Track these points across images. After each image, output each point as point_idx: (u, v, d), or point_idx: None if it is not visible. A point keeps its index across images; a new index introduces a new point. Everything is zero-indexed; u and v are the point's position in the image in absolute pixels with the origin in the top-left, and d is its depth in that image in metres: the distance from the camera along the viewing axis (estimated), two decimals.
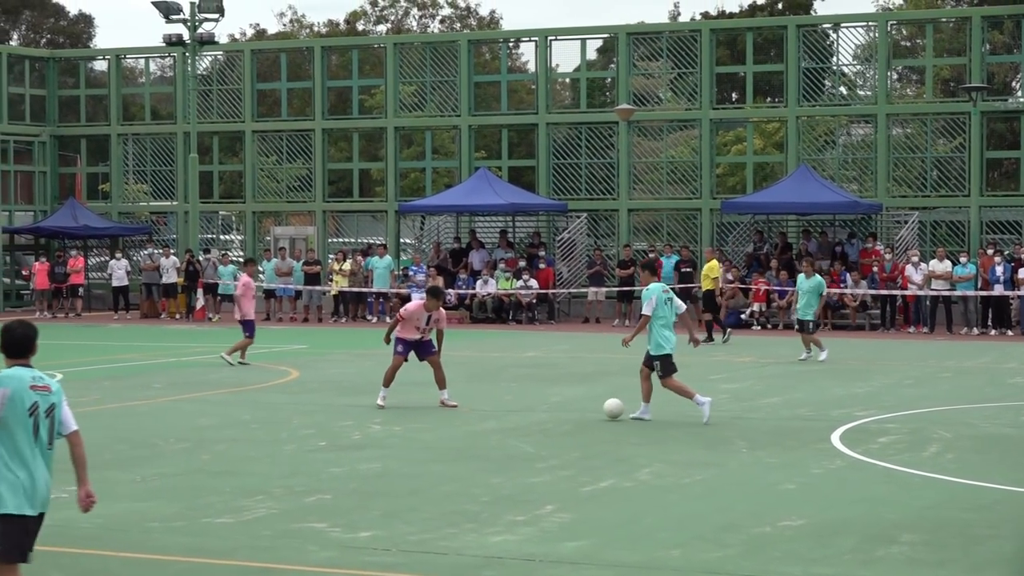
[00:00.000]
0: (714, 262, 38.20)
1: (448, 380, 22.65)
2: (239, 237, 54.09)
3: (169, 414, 21.93)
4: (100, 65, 59.92)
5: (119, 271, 48.48)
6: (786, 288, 41.19)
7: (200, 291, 46.64)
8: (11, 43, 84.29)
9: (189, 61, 49.52)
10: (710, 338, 35.24)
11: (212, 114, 52.43)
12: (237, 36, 79.52)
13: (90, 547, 12.52)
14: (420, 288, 38.62)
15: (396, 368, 22.65)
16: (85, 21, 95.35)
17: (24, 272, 50.60)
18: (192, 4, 48.08)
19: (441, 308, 22.85)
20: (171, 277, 47.00)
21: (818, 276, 31.72)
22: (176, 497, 14.91)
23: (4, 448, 9.39)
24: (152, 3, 48.06)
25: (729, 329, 37.71)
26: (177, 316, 46.81)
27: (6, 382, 9.45)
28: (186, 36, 48.23)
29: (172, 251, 48.55)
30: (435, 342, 22.72)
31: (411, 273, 44.68)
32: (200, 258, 47.18)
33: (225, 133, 53.42)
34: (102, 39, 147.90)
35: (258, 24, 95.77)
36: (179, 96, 52.44)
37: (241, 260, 49.34)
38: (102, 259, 51.82)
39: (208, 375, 27.94)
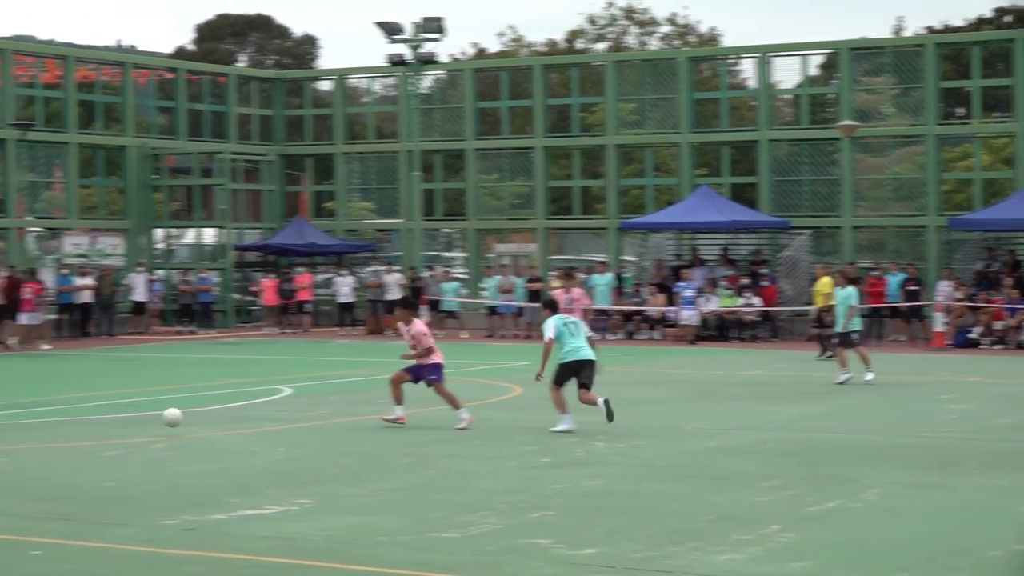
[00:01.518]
0: (826, 279, 36.67)
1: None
2: (462, 254, 54.56)
3: (393, 429, 22.18)
4: (325, 85, 61.04)
5: (344, 288, 49.28)
6: (1017, 306, 40.22)
7: (424, 308, 47.15)
8: (239, 64, 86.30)
9: (411, 81, 50.16)
10: (825, 353, 34.62)
11: (434, 132, 53.02)
12: (458, 55, 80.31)
13: (319, 559, 12.71)
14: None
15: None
16: (310, 42, 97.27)
17: (253, 289, 51.75)
18: (414, 24, 48.75)
19: (415, 321, 22.63)
20: (394, 294, 47.57)
21: (851, 288, 30.22)
22: (402, 511, 15.08)
23: None
24: (375, 24, 48.85)
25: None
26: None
27: None
28: (408, 56, 48.88)
29: (396, 268, 49.17)
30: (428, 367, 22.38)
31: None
32: (423, 275, 47.70)
33: (447, 151, 53.98)
34: (326, 60, 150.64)
35: (478, 43, 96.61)
36: (402, 115, 53.14)
37: (463, 277, 49.75)
38: (328, 276, 52.71)
39: (430, 391, 28.17)
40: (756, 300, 44.04)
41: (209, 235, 52.78)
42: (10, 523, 14.44)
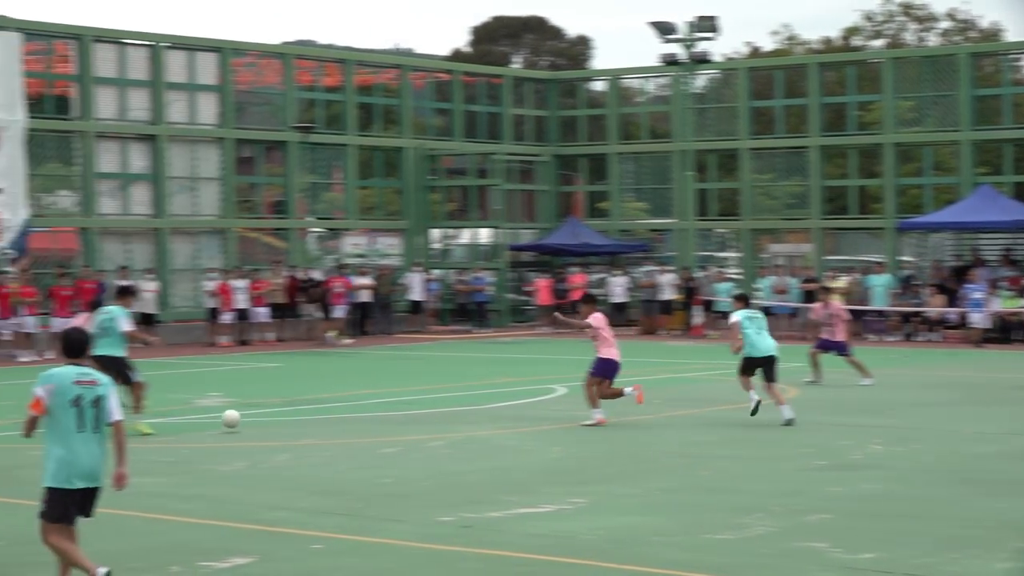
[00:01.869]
0: None
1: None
2: (735, 254, 54.19)
3: (668, 429, 22.15)
4: (599, 86, 61.23)
5: (618, 288, 49.35)
6: None
7: (697, 308, 46.98)
8: (514, 66, 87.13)
9: (685, 80, 49.99)
10: None
11: (708, 132, 52.75)
12: (731, 55, 79.77)
13: (592, 558, 12.74)
14: None
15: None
16: (583, 43, 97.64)
17: (527, 288, 52.17)
18: (688, 24, 48.59)
19: (593, 315, 23.50)
20: (668, 294, 47.48)
21: None
22: (676, 512, 15.04)
23: (52, 432, 11.16)
24: (649, 24, 48.83)
25: None
26: (674, 333, 47.25)
27: (52, 378, 11.26)
28: (682, 55, 48.76)
29: (669, 268, 49.04)
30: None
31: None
32: (697, 275, 47.48)
33: (721, 151, 53.66)
34: (600, 60, 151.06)
35: (752, 42, 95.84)
36: (675, 115, 53.00)
37: (736, 278, 49.37)
38: (601, 276, 52.84)
39: (706, 391, 28.09)
40: None
41: (484, 235, 53.40)
42: (292, 517, 14.81)
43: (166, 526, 14.49)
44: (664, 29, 48.61)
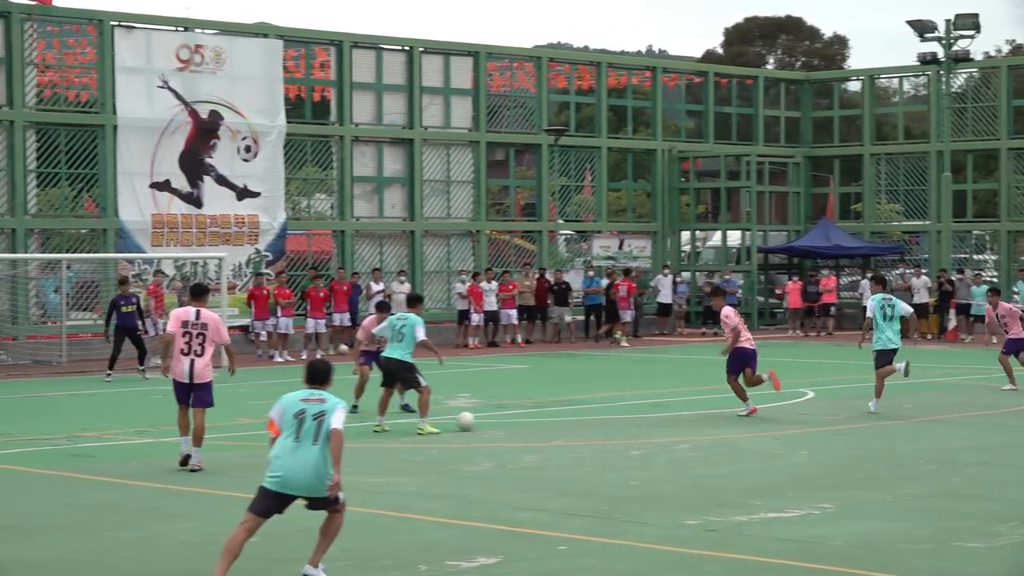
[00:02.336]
0: None
1: None
2: (992, 257, 52.90)
3: (921, 435, 21.73)
4: (853, 86, 60.37)
5: (869, 291, 48.57)
6: None
7: (952, 311, 46.01)
8: (767, 67, 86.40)
9: (943, 79, 49.02)
10: None
11: (966, 132, 51.61)
12: (992, 53, 77.99)
13: (839, 564, 12.58)
14: None
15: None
16: (840, 43, 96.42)
17: (777, 291, 51.65)
18: (947, 22, 47.64)
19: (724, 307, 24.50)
20: (922, 297, 46.58)
21: None
22: (926, 519, 14.75)
23: (280, 444, 12.00)
24: (907, 22, 47.98)
25: None
26: (929, 336, 46.34)
27: (282, 401, 12.19)
28: (941, 54, 47.84)
29: (924, 271, 48.12)
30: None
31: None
32: (953, 278, 46.49)
33: (980, 151, 52.45)
34: (856, 60, 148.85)
35: (1014, 40, 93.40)
36: (933, 115, 51.97)
37: (993, 281, 48.29)
38: (854, 279, 52.09)
39: (961, 396, 27.50)
40: None
41: (734, 237, 53.05)
42: (538, 518, 14.91)
43: (414, 525, 14.71)
44: (923, 27, 47.74)
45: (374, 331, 23.90)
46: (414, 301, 23.84)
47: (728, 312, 24.32)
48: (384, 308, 24.81)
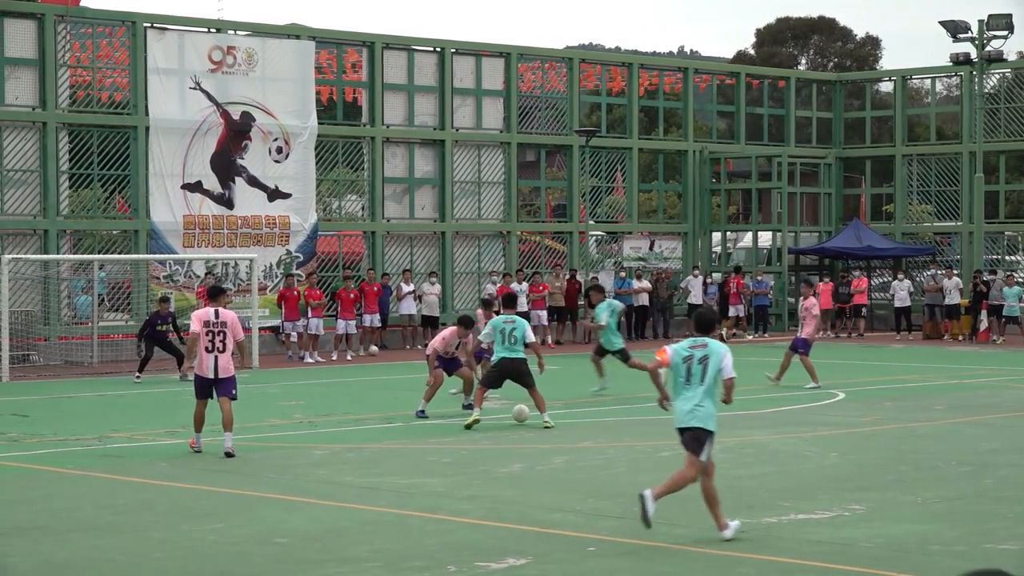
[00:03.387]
0: None
1: None
2: None
3: (951, 437, 21.66)
4: (886, 87, 60.19)
5: (901, 292, 48.46)
6: None
7: (984, 313, 45.85)
8: (799, 67, 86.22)
9: (976, 79, 48.83)
10: None
11: (999, 133, 51.41)
12: None
13: (870, 567, 12.56)
14: None
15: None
16: (872, 43, 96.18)
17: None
18: (980, 22, 47.48)
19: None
20: (954, 298, 46.44)
21: None
22: (958, 521, 14.71)
23: (673, 388, 14.39)
24: (940, 23, 47.82)
25: None
26: (960, 338, 46.19)
27: (671, 348, 14.30)
28: (974, 54, 47.68)
29: (955, 272, 47.95)
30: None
31: None
32: (986, 279, 46.31)
33: (1012, 152, 52.25)
34: (888, 60, 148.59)
35: None
36: (965, 115, 51.79)
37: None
38: (885, 280, 51.94)
39: (991, 398, 27.39)
40: None
41: (765, 238, 52.91)
42: (568, 519, 14.91)
43: (444, 526, 14.72)
44: (955, 28, 47.59)
45: (481, 337, 24.69)
46: (509, 302, 24.62)
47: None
48: (488, 305, 26.98)
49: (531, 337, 23.58)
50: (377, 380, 33.09)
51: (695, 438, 14.09)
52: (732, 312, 47.14)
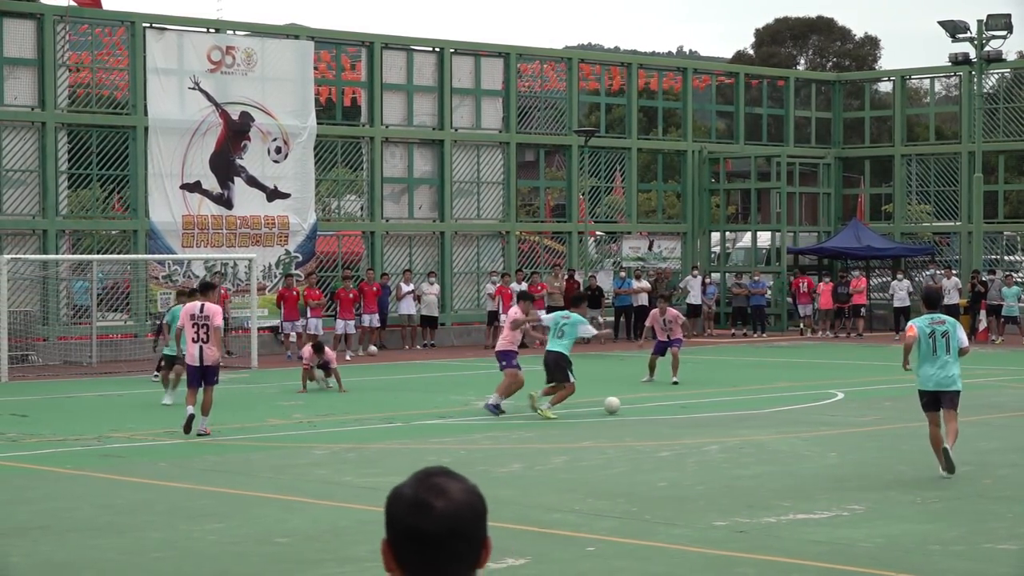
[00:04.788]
0: None
1: None
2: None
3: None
4: (884, 87, 60.20)
5: (900, 292, 48.46)
6: None
7: (983, 313, 45.86)
8: (798, 67, 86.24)
9: (975, 80, 48.85)
10: None
11: (998, 133, 51.43)
12: None
13: (869, 566, 12.56)
14: None
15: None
16: (871, 43, 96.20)
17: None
18: (979, 22, 47.49)
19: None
20: (953, 298, 46.43)
21: None
22: (957, 521, 14.72)
23: (921, 359, 17.73)
24: (939, 23, 47.84)
25: None
26: None
27: (915, 323, 17.84)
28: (973, 55, 47.69)
29: (954, 272, 47.97)
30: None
31: None
32: (985, 279, 46.33)
33: (1012, 152, 52.27)
34: (887, 60, 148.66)
35: None
36: (964, 115, 51.81)
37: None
38: (884, 280, 51.96)
39: (990, 398, 27.39)
40: None
41: (764, 238, 52.94)
42: (567, 519, 14.91)
43: None
44: (954, 28, 47.60)
45: (543, 320, 26.12)
46: (577, 301, 26.76)
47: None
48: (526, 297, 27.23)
49: (581, 332, 25.03)
50: (377, 380, 33.09)
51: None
52: (803, 312, 48.66)
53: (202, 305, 22.11)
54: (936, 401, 17.58)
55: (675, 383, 29.95)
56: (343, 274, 41.55)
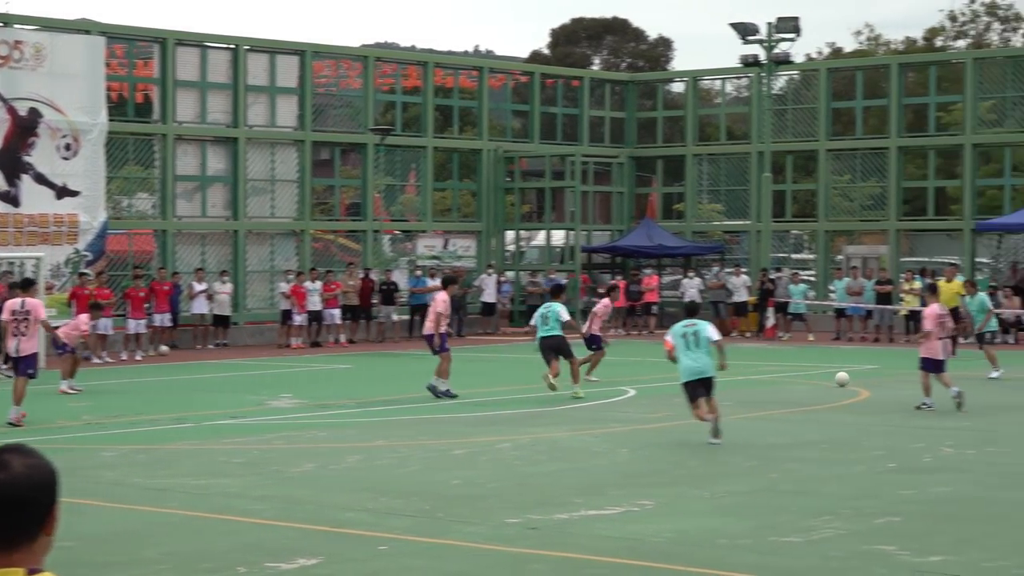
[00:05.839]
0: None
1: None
2: (811, 256, 53.91)
3: (739, 432, 22.03)
4: (677, 87, 61.09)
5: (692, 289, 49.18)
6: None
7: (771, 310, 46.79)
8: (593, 67, 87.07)
9: (765, 81, 49.81)
10: None
11: (786, 133, 52.50)
12: (813, 55, 79.41)
13: (660, 561, 12.71)
14: None
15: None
16: (664, 44, 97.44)
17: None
18: (769, 24, 48.41)
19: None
20: (742, 296, 47.32)
21: (981, 294, 32.92)
22: (746, 515, 14.97)
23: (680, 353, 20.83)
24: (730, 25, 48.67)
25: None
26: (747, 334, 47.07)
27: (672, 330, 21.01)
28: (762, 56, 48.60)
29: (744, 270, 48.85)
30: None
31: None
32: (773, 276, 47.25)
33: (799, 152, 53.40)
34: (680, 61, 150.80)
35: (834, 43, 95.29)
36: (754, 116, 52.79)
37: (811, 279, 49.20)
38: (676, 278, 52.73)
39: (777, 394, 27.95)
40: None
41: (558, 237, 53.35)
42: (360, 518, 14.86)
43: (235, 527, 14.57)
44: (745, 30, 48.47)
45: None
46: (556, 291, 30.51)
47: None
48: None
49: (564, 316, 28.07)
50: (168, 380, 32.65)
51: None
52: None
53: (23, 301, 23.41)
54: (696, 388, 20.42)
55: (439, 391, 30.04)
56: (133, 273, 40.92)
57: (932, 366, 24.73)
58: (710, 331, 20.73)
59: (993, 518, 14.70)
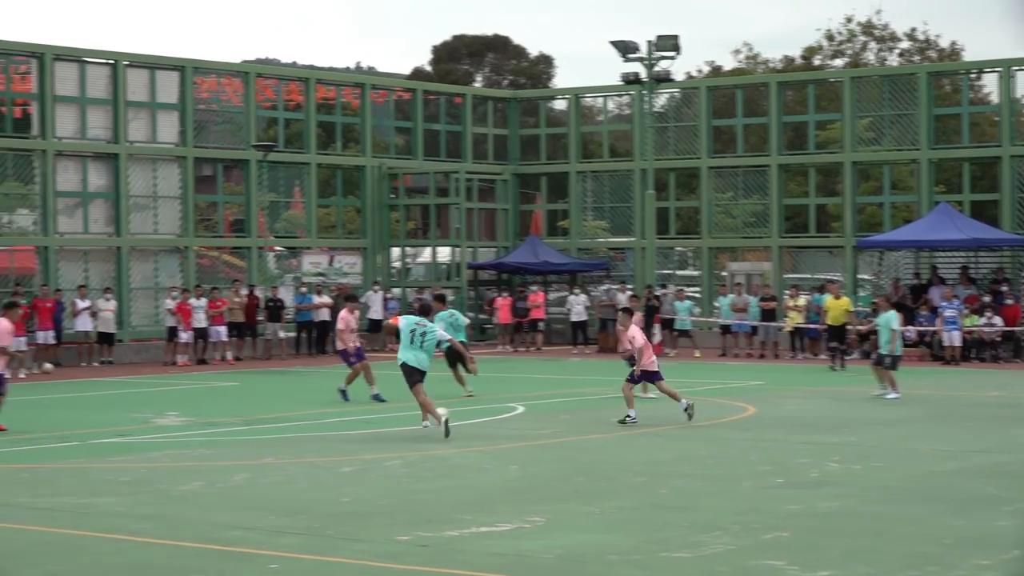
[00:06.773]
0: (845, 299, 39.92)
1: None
2: (696, 272, 54.35)
3: (626, 448, 22.14)
4: (559, 104, 61.34)
5: (578, 306, 49.40)
6: None
7: (657, 326, 47.02)
8: (475, 85, 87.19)
9: (646, 99, 50.14)
10: None
11: (669, 151, 52.90)
12: (693, 73, 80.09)
13: None
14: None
15: None
16: (546, 62, 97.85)
17: (487, 307, 52.15)
18: (649, 43, 48.73)
19: (631, 327, 26.50)
20: None
21: (891, 311, 31.52)
22: (634, 530, 15.02)
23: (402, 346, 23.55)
24: (611, 43, 48.94)
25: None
26: None
27: (402, 318, 22.03)
28: (643, 74, 48.91)
29: (629, 287, 49.10)
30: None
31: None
32: (658, 293, 47.53)
33: (681, 169, 53.80)
34: (561, 79, 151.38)
35: (713, 61, 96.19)
36: (636, 133, 53.13)
37: (696, 296, 49.57)
38: (562, 294, 52.90)
39: (665, 410, 28.08)
40: (997, 320, 42.94)
41: (444, 254, 53.38)
42: (249, 537, 14.74)
43: (122, 546, 14.39)
44: (625, 48, 48.73)
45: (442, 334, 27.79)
46: (439, 299, 31.90)
47: (635, 332, 26.15)
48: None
49: (463, 321, 32.03)
50: (52, 398, 32.21)
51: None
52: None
53: None
54: (413, 374, 23.48)
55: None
56: (15, 290, 40.33)
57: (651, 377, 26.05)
58: (440, 334, 24.33)
59: (878, 532, 14.86)
